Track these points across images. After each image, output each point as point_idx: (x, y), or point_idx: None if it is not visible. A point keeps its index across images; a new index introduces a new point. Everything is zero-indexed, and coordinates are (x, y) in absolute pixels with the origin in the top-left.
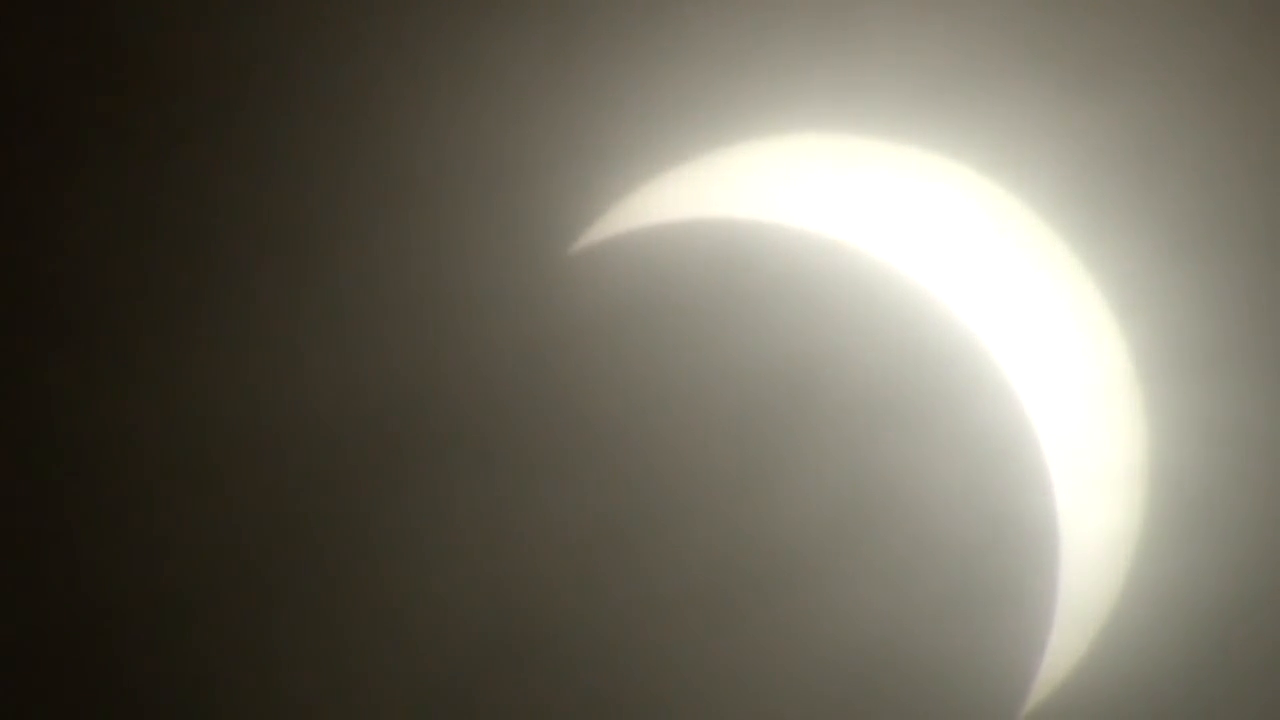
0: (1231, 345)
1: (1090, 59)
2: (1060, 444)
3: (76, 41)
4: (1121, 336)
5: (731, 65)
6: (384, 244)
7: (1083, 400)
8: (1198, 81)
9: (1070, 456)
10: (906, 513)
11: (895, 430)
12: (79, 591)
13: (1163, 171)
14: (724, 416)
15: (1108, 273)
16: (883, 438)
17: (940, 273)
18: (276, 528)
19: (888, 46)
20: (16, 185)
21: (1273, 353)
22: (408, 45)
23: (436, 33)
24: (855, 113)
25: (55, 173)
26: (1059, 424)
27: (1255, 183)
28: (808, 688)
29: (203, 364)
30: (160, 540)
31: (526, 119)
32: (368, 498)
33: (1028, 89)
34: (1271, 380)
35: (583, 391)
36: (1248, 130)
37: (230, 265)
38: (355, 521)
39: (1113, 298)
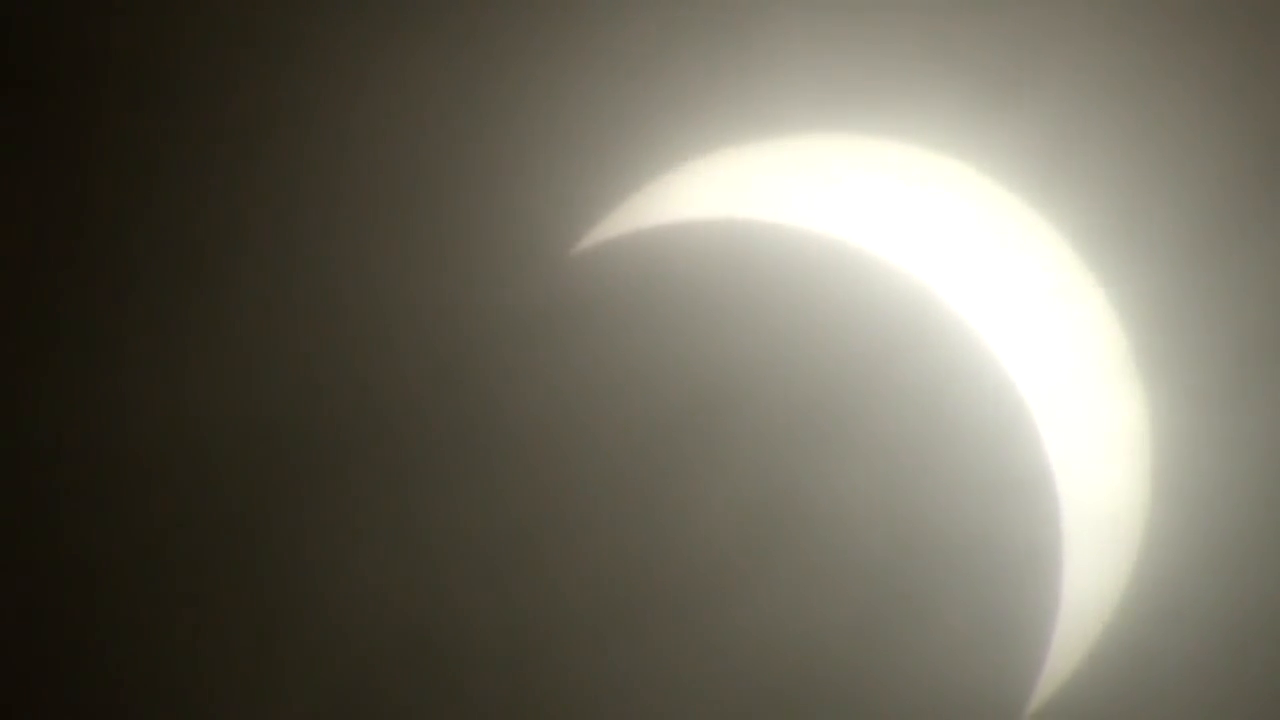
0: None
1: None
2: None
3: (72, 40)
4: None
5: (732, 66)
6: (384, 245)
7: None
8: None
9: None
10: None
11: (900, 426)
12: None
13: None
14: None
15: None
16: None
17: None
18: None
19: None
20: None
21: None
22: (407, 44)
23: (437, 31)
24: (859, 113)
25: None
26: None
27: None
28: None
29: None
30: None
31: (527, 120)
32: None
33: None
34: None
35: (583, 391)
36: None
37: (228, 266)
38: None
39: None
